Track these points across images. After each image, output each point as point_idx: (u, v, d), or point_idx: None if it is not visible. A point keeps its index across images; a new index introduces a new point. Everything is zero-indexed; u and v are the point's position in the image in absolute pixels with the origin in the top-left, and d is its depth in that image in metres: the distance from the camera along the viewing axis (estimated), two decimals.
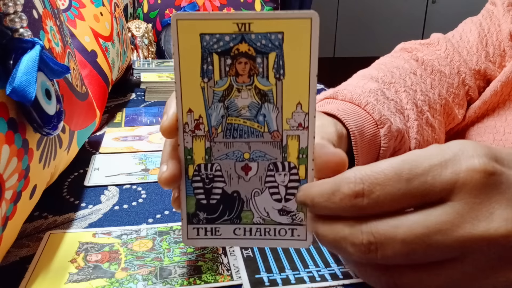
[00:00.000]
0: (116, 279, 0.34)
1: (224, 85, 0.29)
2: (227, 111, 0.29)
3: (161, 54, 1.26)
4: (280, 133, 0.30)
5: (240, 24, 0.27)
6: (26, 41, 0.34)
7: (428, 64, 0.57)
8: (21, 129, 0.34)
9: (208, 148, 0.30)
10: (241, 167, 0.30)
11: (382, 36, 3.90)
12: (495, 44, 0.58)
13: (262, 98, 0.29)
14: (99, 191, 0.48)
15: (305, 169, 0.30)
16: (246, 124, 0.30)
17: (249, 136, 0.30)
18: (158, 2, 1.38)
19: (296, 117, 0.29)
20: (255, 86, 0.29)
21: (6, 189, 0.32)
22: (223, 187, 0.31)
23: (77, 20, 0.71)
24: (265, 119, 0.30)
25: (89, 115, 0.56)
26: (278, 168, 0.30)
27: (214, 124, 0.30)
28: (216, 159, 0.30)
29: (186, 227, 0.32)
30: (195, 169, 0.30)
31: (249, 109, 0.29)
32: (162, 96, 0.87)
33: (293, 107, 0.29)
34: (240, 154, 0.30)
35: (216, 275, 0.34)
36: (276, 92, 0.29)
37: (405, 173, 0.24)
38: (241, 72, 0.29)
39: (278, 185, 0.31)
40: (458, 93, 0.57)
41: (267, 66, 0.28)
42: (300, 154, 0.30)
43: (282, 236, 0.32)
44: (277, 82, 0.29)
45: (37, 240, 0.39)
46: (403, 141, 0.46)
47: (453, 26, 0.65)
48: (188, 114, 0.29)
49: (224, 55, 0.28)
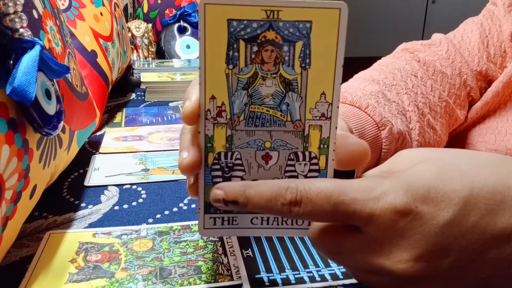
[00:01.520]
0: (116, 279, 0.34)
1: (249, 72, 0.29)
2: (250, 99, 0.29)
3: (161, 54, 1.26)
4: (302, 122, 0.30)
5: (268, 11, 0.27)
6: (26, 41, 0.34)
7: (429, 65, 0.57)
8: (21, 129, 0.34)
9: (229, 136, 0.30)
10: (261, 156, 0.30)
11: (382, 36, 3.90)
12: (496, 45, 0.58)
13: (287, 87, 0.29)
14: (99, 191, 0.48)
15: (326, 160, 0.30)
16: (269, 113, 0.30)
17: (271, 124, 0.30)
18: (158, 2, 1.38)
19: (320, 107, 0.29)
20: (280, 74, 0.29)
21: (6, 189, 0.32)
22: (242, 176, 0.31)
23: (77, 20, 0.71)
24: (288, 108, 0.29)
25: (89, 115, 0.56)
26: (299, 158, 0.30)
27: (237, 111, 0.29)
28: (237, 147, 0.30)
29: (203, 216, 0.31)
30: (215, 157, 0.30)
31: (272, 98, 0.29)
32: (162, 96, 0.87)
33: (317, 97, 0.29)
34: (262, 143, 0.30)
35: (216, 275, 0.34)
36: (301, 81, 0.29)
37: (333, 197, 0.27)
38: (267, 60, 0.28)
39: (298, 174, 0.31)
40: (460, 94, 0.57)
41: (293, 55, 0.28)
42: (322, 144, 0.30)
43: (299, 225, 0.32)
44: (303, 72, 0.29)
45: (37, 240, 0.39)
46: (405, 143, 0.46)
47: (453, 26, 0.65)
48: (211, 101, 0.29)
49: (250, 42, 0.28)
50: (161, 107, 0.81)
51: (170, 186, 0.49)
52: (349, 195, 0.27)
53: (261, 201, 0.28)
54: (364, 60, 1.19)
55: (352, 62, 1.27)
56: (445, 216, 0.26)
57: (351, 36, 3.95)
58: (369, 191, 0.27)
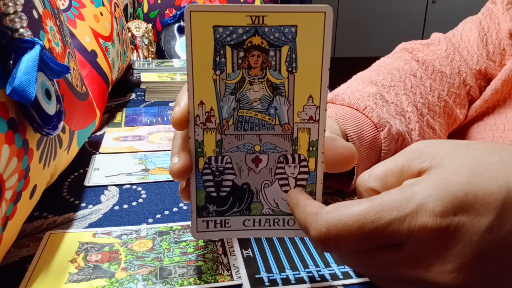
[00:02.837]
0: (116, 279, 0.34)
1: (236, 77, 0.29)
2: (238, 103, 0.29)
3: (161, 54, 1.26)
4: (291, 126, 0.30)
5: (254, 16, 0.28)
6: (26, 41, 0.34)
7: (428, 65, 0.57)
8: (21, 129, 0.34)
9: (219, 140, 0.30)
10: (251, 160, 0.31)
11: (382, 36, 3.90)
12: (495, 43, 0.58)
13: (274, 91, 0.29)
14: (99, 191, 0.48)
15: (315, 162, 0.31)
16: (258, 117, 0.30)
17: (260, 128, 0.30)
18: (158, 2, 1.38)
19: (307, 110, 0.30)
20: (267, 79, 0.29)
21: (6, 189, 0.32)
22: (233, 179, 0.31)
23: (77, 20, 0.71)
24: (277, 112, 0.30)
25: (89, 115, 0.56)
26: (288, 160, 0.31)
27: (226, 116, 0.30)
28: (227, 152, 0.30)
29: (196, 220, 0.32)
30: (205, 162, 0.30)
31: (260, 102, 0.30)
32: (162, 96, 0.87)
33: (304, 100, 0.29)
34: (251, 147, 0.30)
35: (216, 275, 0.34)
36: (288, 85, 0.29)
37: (367, 227, 0.26)
38: (254, 65, 0.29)
39: (288, 177, 0.31)
40: (459, 93, 0.57)
41: (279, 59, 0.29)
42: (310, 147, 0.30)
43: (291, 226, 0.32)
44: (290, 75, 0.29)
45: (37, 240, 0.39)
46: (405, 143, 0.46)
47: (453, 26, 0.64)
48: (199, 107, 0.29)
49: (237, 48, 0.28)
50: (161, 107, 0.81)
51: (170, 186, 0.49)
52: (383, 218, 0.26)
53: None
54: (363, 60, 1.19)
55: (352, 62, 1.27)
56: (485, 222, 0.25)
57: (351, 36, 3.96)
58: (404, 205, 0.26)
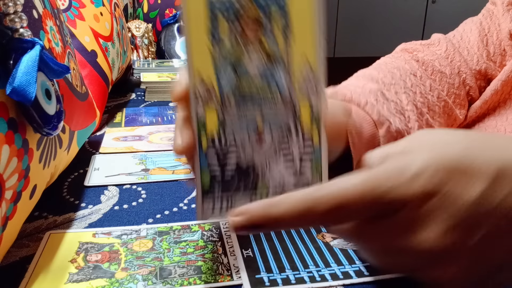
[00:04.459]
0: (116, 279, 0.34)
1: (232, 47, 0.29)
2: (238, 78, 0.29)
3: (161, 54, 1.26)
4: (292, 99, 0.30)
5: None
6: (26, 41, 0.34)
7: (428, 65, 0.57)
8: (21, 129, 0.34)
9: (221, 119, 0.30)
10: (255, 136, 0.30)
11: (382, 36, 3.89)
12: (496, 44, 0.58)
13: (271, 58, 0.29)
14: (99, 191, 0.48)
15: (318, 135, 0.31)
16: (259, 92, 0.30)
17: (261, 104, 0.30)
18: (158, 2, 1.38)
19: (308, 82, 0.30)
20: (263, 47, 0.29)
21: (6, 189, 0.32)
22: (237, 158, 0.30)
23: (77, 20, 0.71)
24: (277, 85, 0.30)
25: (89, 115, 0.56)
26: (292, 135, 0.31)
27: (226, 90, 0.30)
28: (229, 130, 0.30)
29: (202, 201, 0.31)
30: (208, 141, 0.30)
31: (260, 77, 0.30)
32: (162, 96, 0.87)
33: (302, 67, 0.30)
34: (254, 123, 0.30)
35: (216, 275, 0.34)
36: (285, 51, 0.29)
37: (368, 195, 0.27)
38: (249, 34, 0.29)
39: (293, 152, 0.31)
40: (459, 93, 0.57)
41: (273, 26, 0.29)
42: (313, 120, 0.30)
43: None
44: (285, 41, 0.29)
45: (37, 240, 0.39)
46: None
47: (453, 26, 0.64)
48: (199, 84, 0.29)
49: (230, 17, 0.29)
50: (161, 107, 0.81)
51: (170, 186, 0.49)
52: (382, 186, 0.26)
53: (289, 220, 0.27)
54: (364, 60, 1.19)
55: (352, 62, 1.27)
56: (476, 190, 0.25)
57: (351, 36, 3.96)
58: (399, 174, 0.26)
